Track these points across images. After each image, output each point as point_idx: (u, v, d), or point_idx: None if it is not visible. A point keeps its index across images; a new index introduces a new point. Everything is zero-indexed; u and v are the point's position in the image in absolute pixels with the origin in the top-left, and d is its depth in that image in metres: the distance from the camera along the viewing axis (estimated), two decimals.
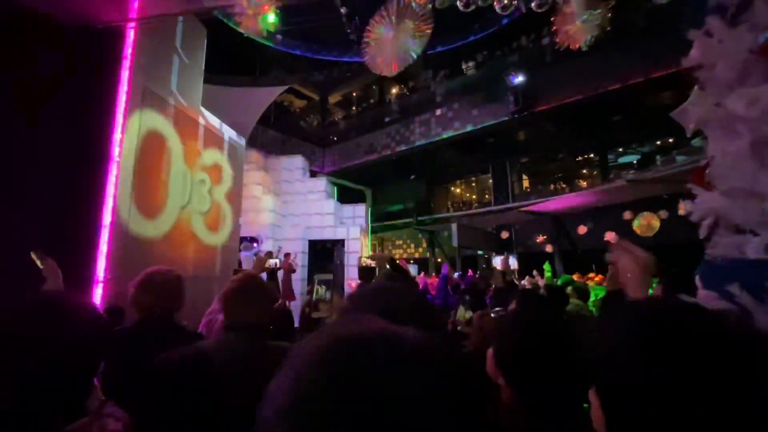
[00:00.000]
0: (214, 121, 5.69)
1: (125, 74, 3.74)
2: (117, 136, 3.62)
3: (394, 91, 18.55)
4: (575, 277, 7.95)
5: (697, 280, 1.70)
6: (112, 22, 3.66)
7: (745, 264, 1.41)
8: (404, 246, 19.20)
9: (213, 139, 5.62)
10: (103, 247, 3.50)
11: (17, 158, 3.19)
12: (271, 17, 4.29)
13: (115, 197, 3.59)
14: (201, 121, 5.30)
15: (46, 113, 3.32)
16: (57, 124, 3.34)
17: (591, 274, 9.55)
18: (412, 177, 17.09)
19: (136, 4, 3.76)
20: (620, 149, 14.44)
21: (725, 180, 1.38)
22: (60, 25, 3.54)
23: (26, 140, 3.27)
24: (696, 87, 1.73)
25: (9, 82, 3.18)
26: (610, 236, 11.42)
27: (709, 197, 1.57)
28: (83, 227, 3.44)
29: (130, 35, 3.79)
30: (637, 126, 12.59)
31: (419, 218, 16.78)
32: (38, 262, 1.86)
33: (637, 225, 10.16)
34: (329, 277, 6.33)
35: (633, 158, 14.28)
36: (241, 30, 3.64)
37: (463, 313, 4.38)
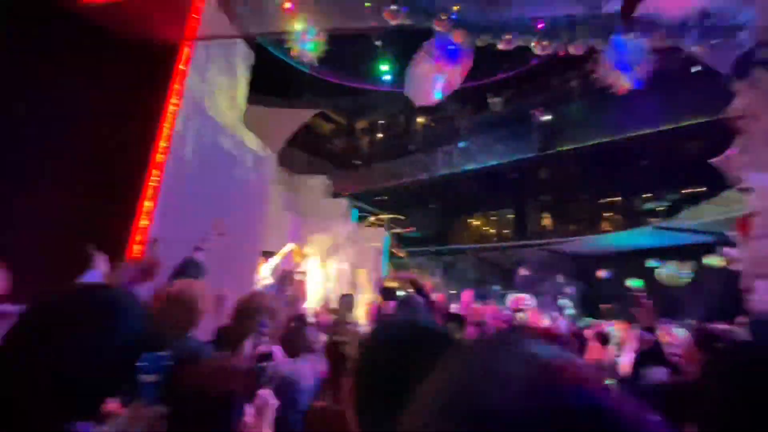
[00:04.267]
0: (253, 138, 5.95)
1: (177, 89, 3.99)
2: (162, 145, 3.84)
3: (419, 120, 18.95)
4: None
5: (742, 331, 1.65)
6: (170, 41, 3.96)
7: None
8: (418, 275, 19.02)
9: (251, 155, 5.86)
10: (136, 248, 3.63)
11: (74, 160, 3.41)
12: (312, 45, 4.55)
13: (154, 202, 3.76)
14: (241, 138, 5.55)
15: (105, 120, 3.56)
16: (112, 130, 3.57)
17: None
18: (432, 206, 17.14)
19: (192, 26, 4.06)
20: (646, 195, 14.21)
21: None
22: (123, 41, 3.85)
23: (82, 144, 3.50)
24: (740, 136, 1.74)
25: (76, 92, 3.45)
26: (632, 284, 11.06)
27: (753, 247, 1.55)
28: (120, 230, 3.60)
29: (184, 53, 4.08)
30: (666, 172, 12.42)
31: (436, 248, 16.69)
32: (91, 256, 1.99)
33: (663, 274, 9.81)
34: (351, 297, 6.23)
35: (660, 204, 13.99)
36: (291, 56, 3.86)
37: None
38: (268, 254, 9.53)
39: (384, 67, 9.97)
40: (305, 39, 3.79)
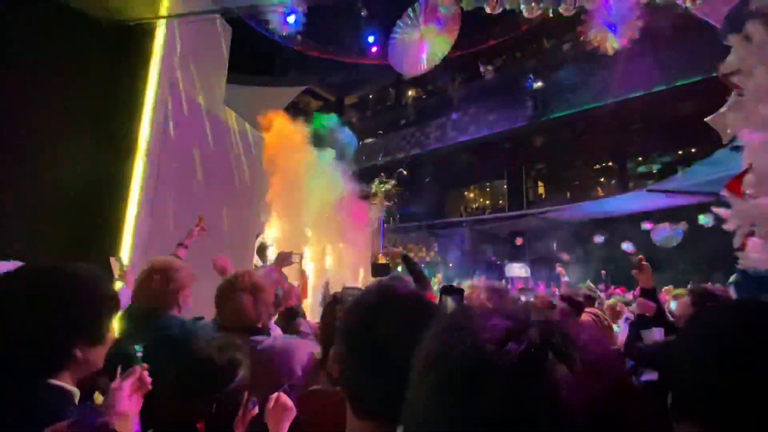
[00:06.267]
0: (236, 118, 5.78)
1: (154, 70, 3.83)
2: (145, 131, 3.72)
3: (410, 93, 18.57)
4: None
5: (731, 290, 1.66)
6: (144, 19, 3.77)
7: None
8: (415, 249, 19.16)
9: (234, 136, 5.71)
10: (128, 239, 3.58)
11: (48, 152, 3.30)
12: (292, 18, 4.35)
13: (141, 190, 3.67)
14: (223, 118, 5.39)
15: (78, 106, 3.43)
16: (88, 118, 3.44)
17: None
18: (427, 180, 17.07)
19: (167, 2, 3.86)
20: (640, 158, 14.19)
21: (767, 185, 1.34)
22: (95, 20, 3.67)
23: (57, 133, 3.38)
24: (734, 92, 1.68)
25: (43, 75, 3.30)
26: (626, 247, 11.23)
27: (746, 206, 1.53)
28: (110, 219, 3.54)
29: (161, 33, 3.89)
30: (659, 135, 12.37)
31: (431, 222, 16.74)
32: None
33: (657, 237, 9.94)
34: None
35: (653, 167, 14.01)
36: (269, 30, 3.69)
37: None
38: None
39: (370, 39, 9.66)
40: (284, 10, 3.61)
